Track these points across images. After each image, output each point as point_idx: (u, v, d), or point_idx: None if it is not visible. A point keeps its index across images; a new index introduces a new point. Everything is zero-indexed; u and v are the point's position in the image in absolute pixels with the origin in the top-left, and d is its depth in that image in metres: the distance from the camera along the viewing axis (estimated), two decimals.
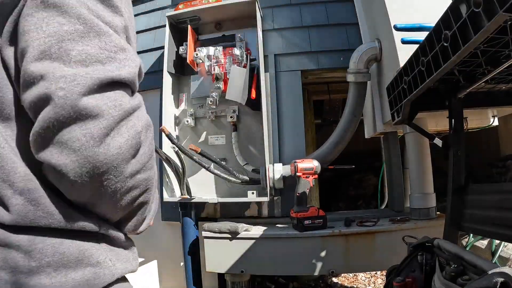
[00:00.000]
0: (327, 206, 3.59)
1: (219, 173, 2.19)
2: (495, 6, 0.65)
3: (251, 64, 2.29)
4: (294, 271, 2.08)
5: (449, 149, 1.24)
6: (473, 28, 0.74)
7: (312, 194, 2.85)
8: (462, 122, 1.23)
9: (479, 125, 2.07)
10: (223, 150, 2.37)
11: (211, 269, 2.06)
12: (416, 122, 1.40)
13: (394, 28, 1.59)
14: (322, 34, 2.44)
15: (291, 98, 2.39)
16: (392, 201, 2.30)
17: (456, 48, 0.82)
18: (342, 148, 2.19)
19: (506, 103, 1.40)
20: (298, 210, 1.95)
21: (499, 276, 0.66)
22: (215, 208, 2.37)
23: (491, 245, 1.92)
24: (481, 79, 1.09)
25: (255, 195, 2.12)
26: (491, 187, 1.17)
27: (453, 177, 1.22)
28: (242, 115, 2.35)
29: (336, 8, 2.46)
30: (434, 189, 1.96)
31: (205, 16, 2.38)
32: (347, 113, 2.17)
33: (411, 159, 1.99)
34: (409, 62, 1.15)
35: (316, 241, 1.94)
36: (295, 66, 2.43)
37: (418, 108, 1.34)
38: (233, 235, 2.01)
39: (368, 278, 2.89)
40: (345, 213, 2.40)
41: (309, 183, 1.97)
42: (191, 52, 2.28)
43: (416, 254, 1.11)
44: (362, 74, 2.10)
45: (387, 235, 1.90)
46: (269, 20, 2.48)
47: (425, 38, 1.00)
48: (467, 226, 1.19)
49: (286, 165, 2.14)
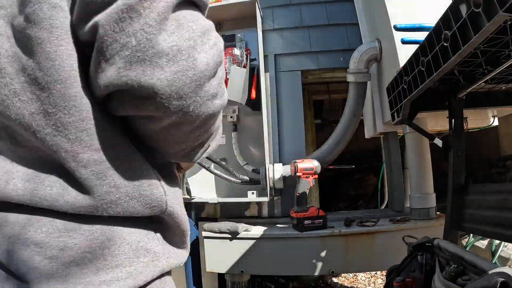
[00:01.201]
0: (327, 206, 3.59)
1: (219, 173, 2.19)
2: (495, 6, 0.65)
3: (251, 64, 2.29)
4: (294, 271, 2.08)
5: (449, 149, 1.24)
6: (473, 28, 0.74)
7: (312, 194, 2.85)
8: (462, 122, 1.23)
9: (479, 125, 2.07)
10: (223, 150, 2.37)
11: (211, 269, 2.06)
12: (416, 122, 1.40)
13: (394, 28, 1.59)
14: (322, 34, 2.44)
15: (291, 98, 2.39)
16: (392, 201, 2.30)
17: (456, 48, 0.82)
18: (342, 148, 2.19)
19: (506, 103, 1.41)
20: (298, 210, 1.95)
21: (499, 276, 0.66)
22: (215, 208, 2.37)
23: (491, 245, 1.92)
24: (481, 79, 1.09)
25: (255, 195, 2.12)
26: (491, 187, 1.17)
27: (453, 177, 1.22)
28: (242, 115, 2.35)
29: (336, 8, 2.46)
30: (434, 189, 1.96)
31: (205, 16, 2.38)
32: (347, 113, 2.17)
33: (411, 159, 1.99)
34: (409, 62, 1.16)
35: (316, 241, 1.94)
36: (295, 66, 2.43)
37: (418, 108, 1.34)
38: (233, 235, 2.01)
39: (368, 278, 2.89)
40: (345, 213, 2.39)
41: (309, 183, 1.97)
42: None
43: (416, 254, 1.11)
44: (362, 74, 2.10)
45: (387, 235, 1.90)
46: (269, 20, 2.48)
47: (425, 38, 1.01)
48: (467, 226, 1.19)
49: (286, 165, 2.14)
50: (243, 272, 2.01)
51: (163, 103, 0.42)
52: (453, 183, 1.22)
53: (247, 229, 2.03)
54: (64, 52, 0.43)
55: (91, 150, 0.44)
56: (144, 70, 0.40)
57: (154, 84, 0.40)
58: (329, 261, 1.93)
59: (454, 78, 1.15)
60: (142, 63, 0.40)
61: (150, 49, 0.40)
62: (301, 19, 2.47)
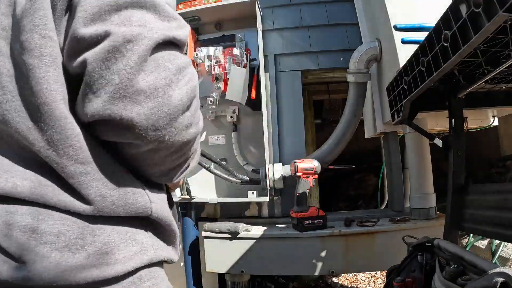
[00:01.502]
0: (327, 206, 3.59)
1: (219, 173, 2.19)
2: (495, 6, 0.65)
3: (251, 64, 2.28)
4: (294, 271, 2.08)
5: (449, 149, 1.24)
6: (473, 28, 0.74)
7: (312, 194, 2.85)
8: (462, 122, 1.23)
9: (479, 125, 2.07)
10: (223, 150, 2.37)
11: (211, 269, 2.06)
12: (416, 122, 1.40)
13: (394, 28, 1.59)
14: (322, 34, 2.44)
15: (291, 98, 2.39)
16: (392, 201, 2.30)
17: (456, 48, 0.82)
18: (342, 148, 2.19)
19: (506, 103, 1.40)
20: (298, 210, 1.95)
21: (499, 276, 0.66)
22: (215, 208, 2.37)
23: (491, 245, 1.92)
24: (481, 79, 1.09)
25: (255, 195, 2.12)
26: (491, 187, 1.17)
27: (453, 177, 1.22)
28: (242, 115, 2.35)
29: (336, 8, 2.46)
30: (434, 189, 1.96)
31: (205, 16, 2.38)
32: (347, 113, 2.17)
33: (411, 159, 1.99)
34: (409, 62, 1.16)
35: (316, 241, 1.94)
36: (295, 66, 2.43)
37: (418, 108, 1.34)
38: (233, 235, 2.01)
39: (368, 278, 2.90)
40: (345, 213, 2.39)
41: (309, 183, 1.97)
42: (191, 52, 2.27)
43: (416, 254, 1.11)
44: (362, 74, 2.10)
45: (387, 235, 1.90)
46: (269, 20, 2.48)
47: (425, 38, 1.00)
48: (467, 226, 1.19)
49: (286, 165, 2.14)
50: (243, 272, 2.01)
51: (141, 134, 0.48)
52: (453, 183, 1.22)
53: (247, 229, 2.03)
54: (51, 78, 0.48)
55: (77, 163, 0.50)
56: (125, 105, 0.46)
57: (133, 118, 0.47)
58: (329, 261, 1.93)
59: (454, 78, 1.15)
60: (124, 99, 0.46)
61: (131, 88, 0.46)
62: (301, 19, 2.47)
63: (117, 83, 0.46)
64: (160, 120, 0.48)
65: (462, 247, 1.41)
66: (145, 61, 0.47)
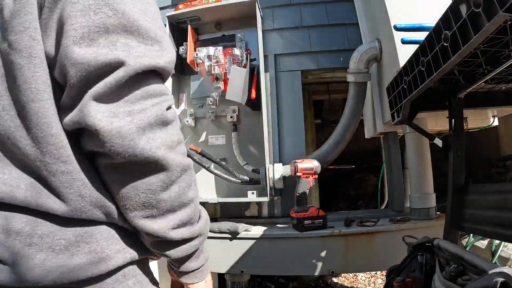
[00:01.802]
0: (327, 206, 3.59)
1: (219, 173, 2.19)
2: (495, 6, 0.65)
3: (251, 64, 2.28)
4: (294, 271, 2.08)
5: (449, 149, 1.24)
6: (473, 28, 0.74)
7: (312, 194, 2.85)
8: (462, 122, 1.23)
9: (479, 125, 2.07)
10: (223, 150, 2.37)
11: (211, 269, 2.05)
12: (416, 122, 1.40)
13: (394, 28, 1.58)
14: (322, 34, 2.44)
15: (291, 98, 2.39)
16: (392, 201, 2.30)
17: (456, 48, 0.82)
18: (342, 148, 2.19)
19: (506, 103, 1.40)
20: (298, 210, 1.95)
21: (499, 276, 0.66)
22: (215, 208, 2.37)
23: (491, 245, 1.92)
24: (481, 79, 1.09)
25: (255, 195, 2.12)
26: (491, 187, 1.17)
27: (453, 177, 1.22)
28: (242, 115, 2.35)
29: (336, 8, 2.46)
30: (434, 189, 1.96)
31: (205, 16, 2.38)
32: (347, 113, 2.17)
33: (411, 159, 1.99)
34: (409, 62, 1.15)
35: (316, 241, 1.94)
36: (295, 66, 2.43)
37: (418, 108, 1.34)
38: (233, 235, 2.00)
39: (368, 278, 2.90)
40: (345, 213, 2.39)
41: (309, 183, 1.97)
42: (191, 52, 2.28)
43: (416, 254, 1.11)
44: (362, 74, 2.10)
45: (387, 235, 1.90)
46: (269, 20, 2.48)
47: (425, 38, 1.00)
48: (467, 226, 1.19)
49: (286, 165, 2.14)
50: (243, 272, 2.00)
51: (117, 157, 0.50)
52: (453, 183, 1.22)
53: (247, 229, 2.03)
54: (39, 78, 0.51)
55: (59, 162, 0.51)
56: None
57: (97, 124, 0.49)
58: (329, 261, 1.93)
59: (454, 78, 1.15)
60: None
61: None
62: (301, 19, 2.46)
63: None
64: (122, 129, 0.50)
65: (462, 247, 1.41)
66: (123, 86, 0.50)
